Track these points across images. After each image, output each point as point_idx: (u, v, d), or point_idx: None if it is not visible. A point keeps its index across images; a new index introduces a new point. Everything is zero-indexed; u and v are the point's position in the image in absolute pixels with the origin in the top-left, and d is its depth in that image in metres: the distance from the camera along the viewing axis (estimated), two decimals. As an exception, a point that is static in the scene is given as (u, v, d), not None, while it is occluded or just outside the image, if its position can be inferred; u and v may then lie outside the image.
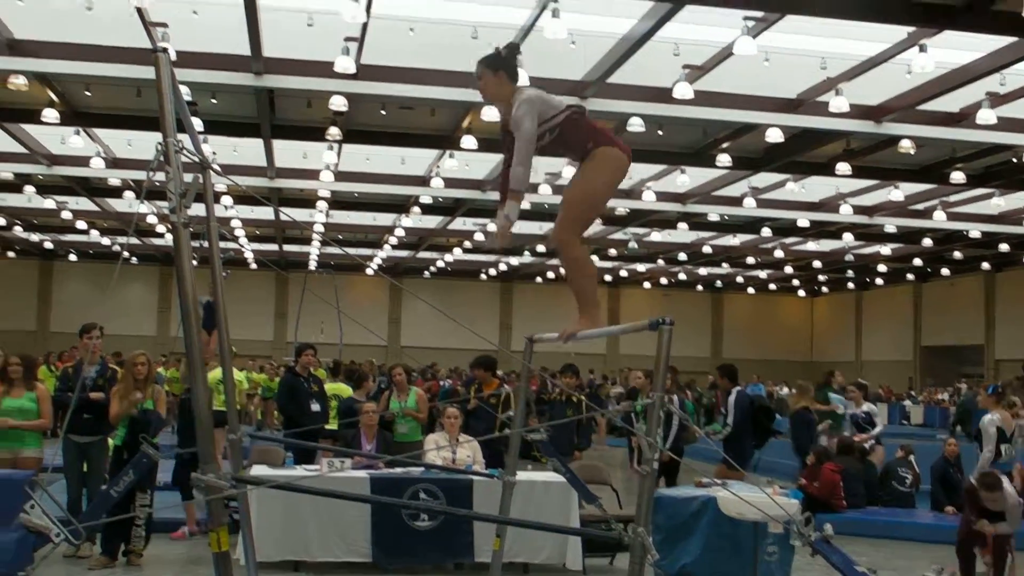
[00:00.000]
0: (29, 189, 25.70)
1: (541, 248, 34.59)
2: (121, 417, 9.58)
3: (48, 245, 39.74)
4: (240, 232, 31.05)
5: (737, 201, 23.97)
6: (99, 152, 21.02)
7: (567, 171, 20.92)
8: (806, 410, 14.52)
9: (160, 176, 3.90)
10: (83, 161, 21.37)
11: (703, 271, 40.80)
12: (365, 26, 13.25)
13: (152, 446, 4.69)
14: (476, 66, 5.31)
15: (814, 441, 14.07)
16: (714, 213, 26.67)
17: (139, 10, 12.93)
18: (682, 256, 35.93)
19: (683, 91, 14.69)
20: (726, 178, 22.21)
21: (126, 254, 38.93)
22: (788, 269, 39.24)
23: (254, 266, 36.41)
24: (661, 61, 14.30)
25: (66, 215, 30.45)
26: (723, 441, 11.88)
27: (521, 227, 29.99)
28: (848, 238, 30.33)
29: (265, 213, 28.94)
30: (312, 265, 36.45)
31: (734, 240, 32.28)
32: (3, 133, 19.68)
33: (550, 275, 43.16)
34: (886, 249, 32.93)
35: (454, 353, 31.79)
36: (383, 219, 30.28)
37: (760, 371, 33.35)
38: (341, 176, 22.50)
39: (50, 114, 17.31)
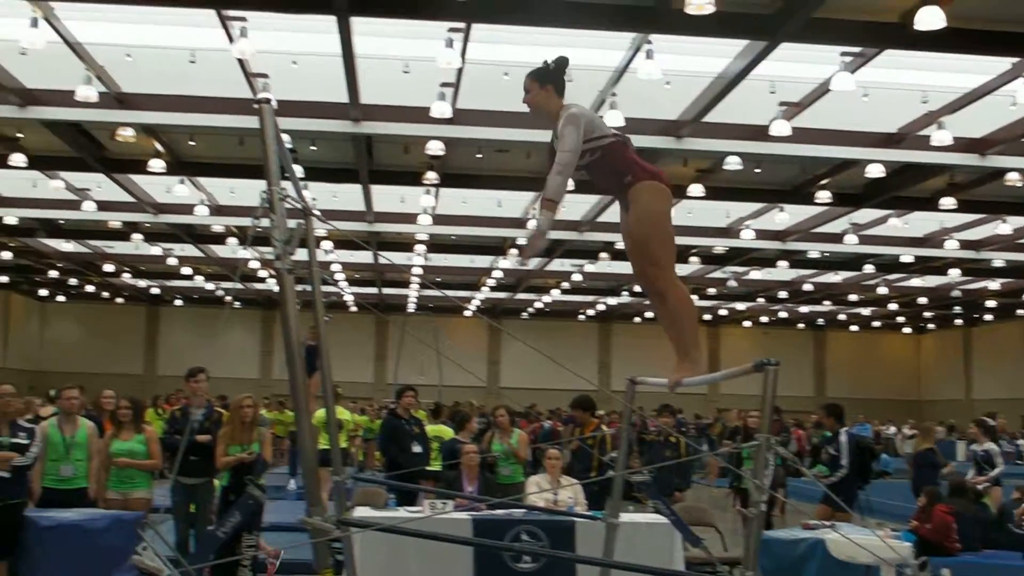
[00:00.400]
0: (136, 237, 26.42)
1: (638, 288, 34.37)
2: (227, 463, 9.73)
3: (155, 291, 40.74)
4: (340, 276, 31.50)
5: (838, 238, 23.60)
6: (203, 200, 21.57)
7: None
8: (930, 451, 14.15)
9: (264, 223, 3.99)
10: (188, 209, 21.93)
11: (804, 309, 40.19)
12: (460, 71, 13.41)
13: (258, 487, 4.75)
14: (525, 79, 5.23)
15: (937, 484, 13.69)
16: (814, 250, 26.29)
17: (240, 61, 13.27)
18: (782, 294, 35.46)
19: (780, 128, 14.56)
20: (826, 215, 21.90)
21: (228, 298, 39.69)
22: (892, 306, 38.43)
23: (354, 309, 36.85)
24: (757, 99, 14.20)
25: (172, 261, 31.22)
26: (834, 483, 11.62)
27: (619, 266, 30.09)
28: (954, 273, 29.59)
29: (364, 257, 29.31)
30: (411, 308, 36.78)
31: (836, 277, 31.78)
32: (112, 184, 20.28)
33: (648, 315, 42.86)
34: (995, 284, 32.07)
35: (553, 394, 31.70)
36: (480, 261, 30.44)
37: (865, 410, 32.69)
38: (439, 219, 22.71)
39: (156, 164, 17.82)
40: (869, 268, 28.11)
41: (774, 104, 14.46)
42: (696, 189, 18.48)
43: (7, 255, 31.06)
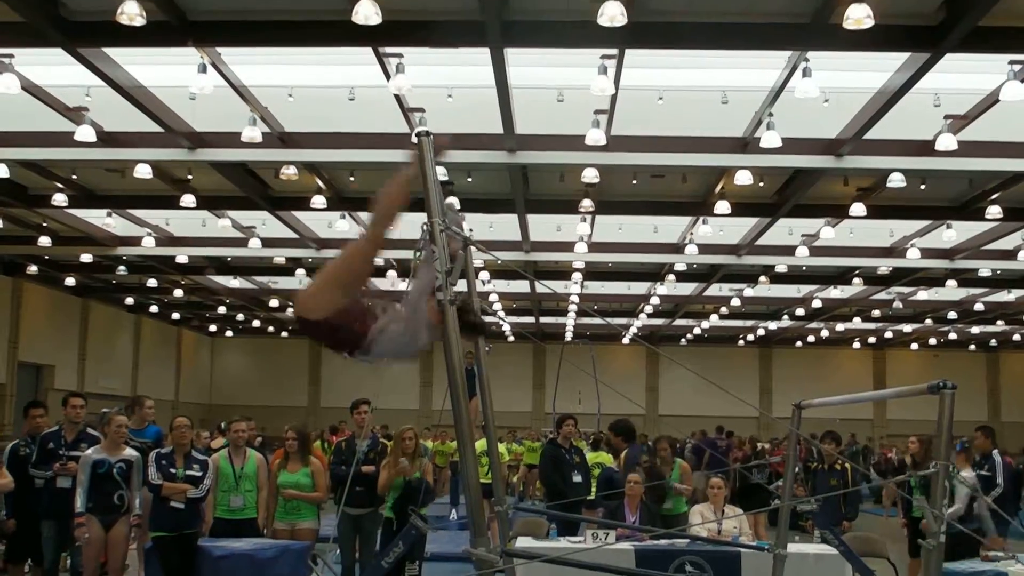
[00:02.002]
0: (300, 272, 27.12)
1: (800, 311, 33.75)
2: (389, 486, 9.87)
3: (318, 325, 41.68)
4: (498, 305, 31.73)
5: (1011, 254, 22.66)
6: (363, 234, 22.00)
7: (825, 232, 20.40)
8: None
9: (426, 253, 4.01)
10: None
11: (975, 330, 38.66)
12: (614, 98, 13.38)
13: (420, 518, 4.77)
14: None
15: None
16: (985, 268, 25.28)
17: (397, 97, 13.52)
18: (952, 315, 34.23)
19: (946, 142, 14.07)
20: (997, 231, 21.06)
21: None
22: (1071, 324, 36.73)
23: (511, 338, 37.05)
24: (921, 113, 13.74)
25: (334, 295, 31.90)
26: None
27: (779, 290, 29.58)
28: None
29: (522, 286, 29.48)
30: (568, 336, 36.80)
31: (1009, 296, 30.50)
32: (277, 220, 20.89)
33: (810, 339, 41.99)
34: None
35: (713, 420, 31.26)
36: (637, 288, 30.27)
37: (1045, 434, 31.20)
38: (595, 247, 22.67)
39: (318, 200, 18.28)
40: (1045, 285, 26.91)
41: (939, 117, 13.99)
42: (858, 208, 18.01)
43: (179, 292, 32.32)
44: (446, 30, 11.49)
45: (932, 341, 42.09)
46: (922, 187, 17.29)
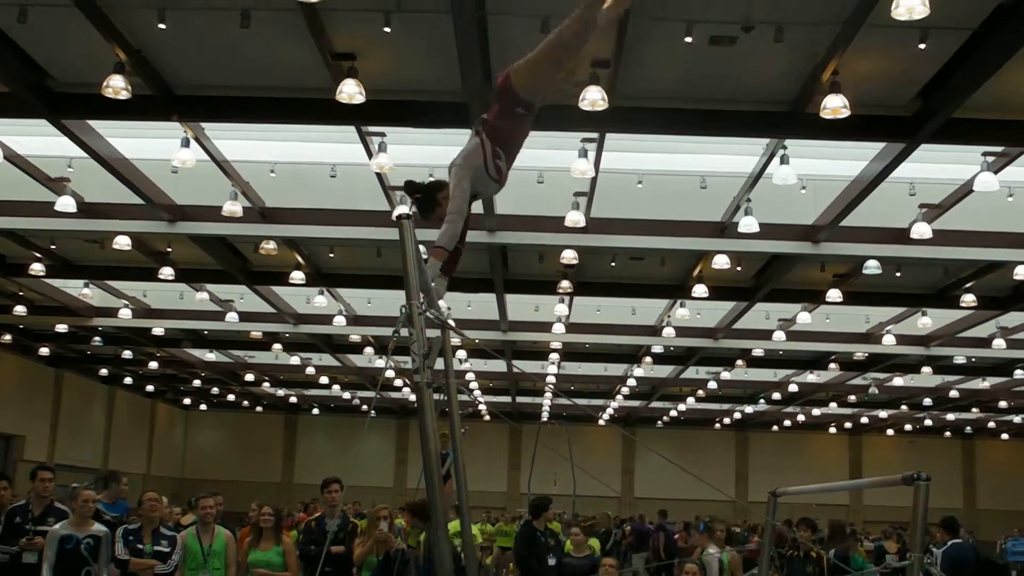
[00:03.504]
0: (276, 347, 27.05)
1: (776, 395, 33.79)
2: (365, 557, 9.78)
3: (293, 400, 41.52)
4: (475, 385, 31.64)
5: (985, 342, 22.82)
6: (341, 310, 22.02)
7: (801, 317, 20.50)
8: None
9: (404, 333, 4.01)
10: (327, 319, 22.40)
11: (951, 416, 38.75)
12: (594, 180, 13.49)
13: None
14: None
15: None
16: (960, 356, 25.44)
17: (379, 175, 13.59)
18: (927, 401, 34.31)
19: (921, 231, 14.23)
20: (972, 319, 21.22)
21: (364, 408, 40.13)
22: (1046, 413, 36.83)
23: (488, 418, 36.91)
24: (896, 201, 13.91)
25: (310, 371, 31.82)
26: None
27: (755, 374, 29.61)
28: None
29: (499, 365, 29.43)
30: (545, 416, 36.68)
31: (984, 383, 30.64)
32: (255, 295, 20.86)
33: (787, 423, 41.97)
34: None
35: (689, 505, 31.09)
36: (614, 369, 30.27)
37: (1021, 524, 31.09)
38: (572, 328, 22.71)
39: (297, 276, 18.28)
40: (1020, 373, 27.03)
41: (914, 206, 14.16)
42: (834, 294, 18.14)
43: (154, 364, 32.11)
44: (429, 111, 11.61)
45: (908, 427, 42.14)
46: (897, 274, 17.44)
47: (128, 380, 36.67)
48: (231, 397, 40.84)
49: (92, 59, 10.61)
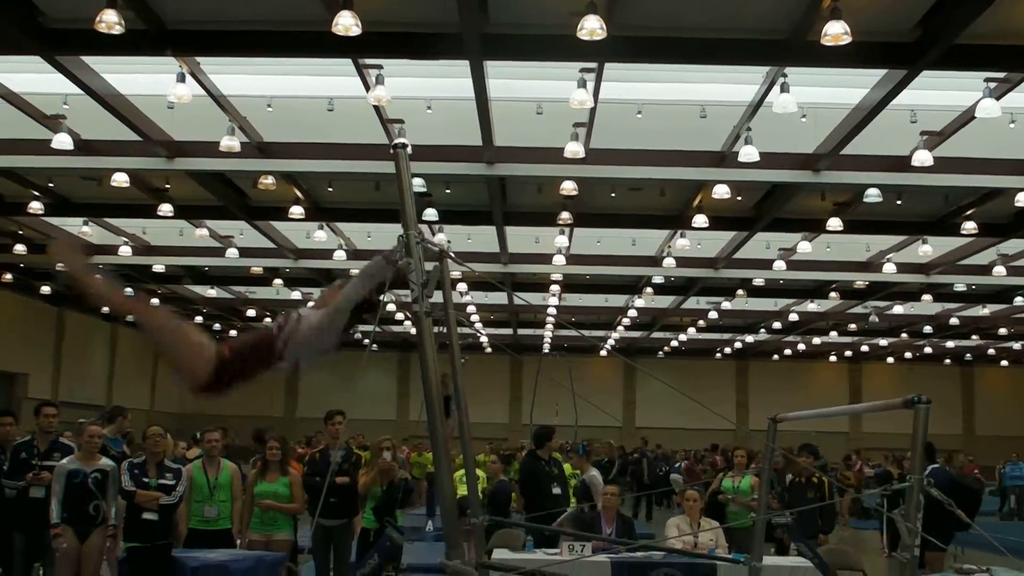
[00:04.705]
0: (277, 282, 27.07)
1: (777, 324, 33.90)
2: (369, 487, 9.89)
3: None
4: (475, 317, 31.72)
5: (986, 270, 22.83)
6: (341, 245, 22.01)
7: (802, 246, 20.49)
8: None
9: (401, 262, 4.01)
10: (326, 254, 22.40)
11: (950, 344, 38.92)
12: (593, 111, 13.41)
13: (396, 529, 4.76)
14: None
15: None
16: (960, 283, 25.47)
17: (376, 108, 13.52)
18: (927, 329, 34.45)
19: (922, 158, 14.15)
20: (972, 246, 21.21)
21: (365, 341, 40.28)
22: (1045, 339, 36.98)
23: (489, 350, 37.04)
24: (897, 129, 13.84)
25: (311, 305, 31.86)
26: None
27: (756, 304, 29.70)
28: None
29: (499, 298, 29.49)
30: (546, 348, 36.81)
31: (984, 311, 30.73)
32: (254, 230, 20.84)
33: (787, 352, 42.15)
34: None
35: (689, 434, 31.35)
36: (615, 300, 30.32)
37: (1019, 449, 31.35)
38: (573, 259, 22.71)
39: (296, 211, 18.24)
40: (1019, 300, 27.08)
41: (915, 134, 14.08)
42: (835, 223, 18.10)
43: (155, 301, 32.14)
44: (426, 42, 11.50)
45: (908, 355, 42.34)
46: (898, 202, 17.40)
47: (130, 318, 36.72)
48: (233, 333, 40.93)
49: (84, -7, 10.50)
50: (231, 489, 10.01)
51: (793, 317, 32.11)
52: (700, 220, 17.98)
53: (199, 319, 36.76)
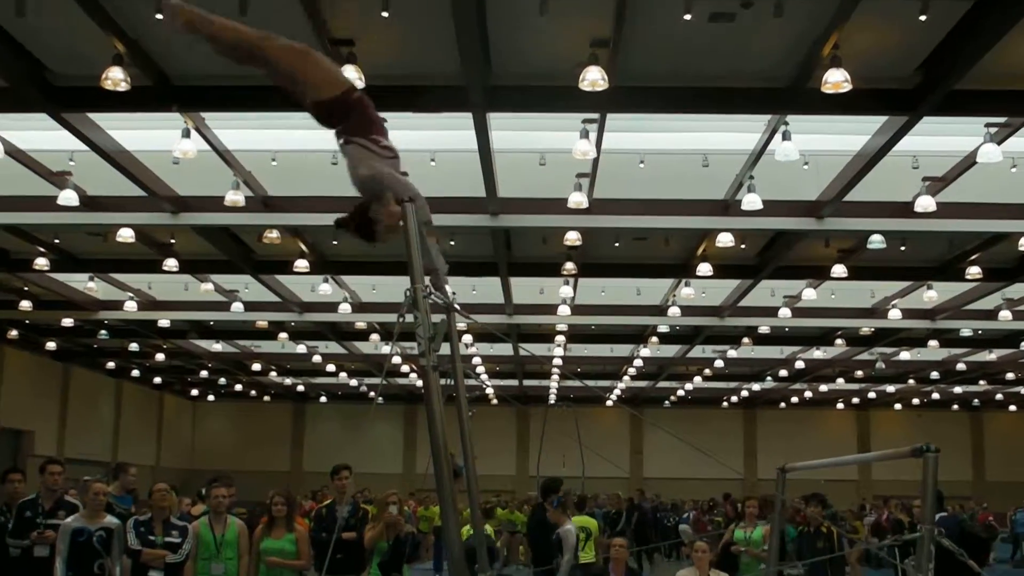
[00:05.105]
0: (283, 336, 27.07)
1: (783, 372, 33.79)
2: (375, 542, 9.81)
3: (300, 388, 41.58)
4: (481, 369, 31.66)
5: (991, 314, 22.79)
6: (346, 298, 22.03)
7: (807, 293, 20.47)
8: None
9: (408, 318, 3.99)
10: (332, 307, 22.42)
11: (958, 389, 38.79)
12: (596, 161, 13.46)
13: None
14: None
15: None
16: (967, 328, 25.42)
17: (381, 161, 13.53)
18: (934, 375, 34.33)
19: (925, 204, 14.19)
20: (978, 291, 21.19)
21: (372, 395, 40.19)
22: (1053, 384, 36.80)
23: (495, 401, 36.97)
24: (900, 175, 13.88)
25: (316, 359, 31.87)
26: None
27: (762, 351, 29.60)
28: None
29: (505, 349, 29.44)
30: (552, 399, 36.72)
31: (991, 355, 30.63)
32: (259, 284, 20.87)
33: (794, 400, 41.98)
34: None
35: (698, 484, 31.16)
36: (620, 350, 30.29)
37: (1029, 495, 31.16)
38: (578, 309, 22.71)
39: (301, 264, 18.28)
40: (1027, 345, 27.03)
41: (917, 179, 14.12)
42: (839, 270, 18.11)
43: (161, 356, 32.16)
44: (430, 95, 11.57)
45: (915, 401, 42.16)
46: (902, 248, 17.41)
47: (135, 372, 36.74)
48: (238, 387, 40.91)
49: (90, 51, 10.60)
50: (238, 546, 9.91)
51: (799, 364, 32.02)
52: (704, 268, 17.99)
53: (204, 374, 36.79)
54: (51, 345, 30.14)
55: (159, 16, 9.65)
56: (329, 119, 4.97)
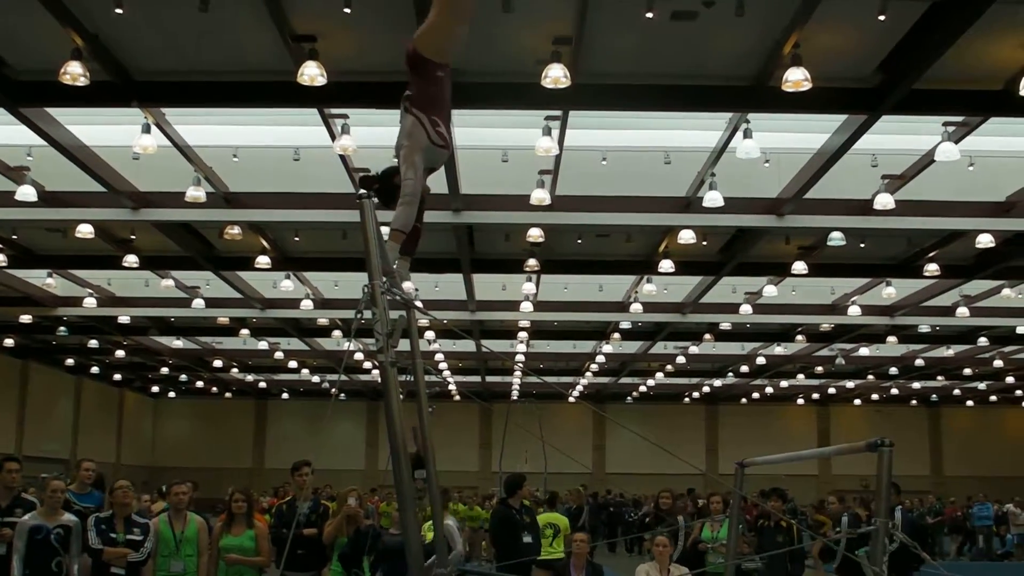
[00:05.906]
0: (244, 332, 26.94)
1: (744, 368, 34.00)
2: (334, 536, 9.79)
3: (262, 385, 41.38)
4: (444, 365, 31.63)
5: (949, 311, 23.05)
6: (308, 294, 21.94)
7: (768, 290, 20.62)
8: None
9: (367, 314, 4.00)
10: (293, 303, 22.33)
11: (916, 385, 39.18)
12: (558, 158, 13.49)
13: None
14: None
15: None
16: (925, 325, 25.70)
17: (342, 157, 13.53)
18: (893, 370, 34.66)
19: (884, 201, 14.34)
20: (936, 288, 21.41)
21: (334, 391, 40.06)
22: (1010, 379, 37.21)
23: (458, 398, 36.96)
24: (859, 173, 14.01)
25: (278, 355, 31.73)
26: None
27: (723, 348, 29.76)
28: (1074, 343, 28.64)
29: (468, 345, 29.43)
30: (515, 395, 36.75)
31: (948, 352, 30.97)
32: (221, 280, 20.75)
33: (755, 396, 42.24)
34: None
35: (660, 479, 31.19)
36: (583, 346, 30.35)
37: (986, 489, 31.51)
38: (540, 306, 22.73)
39: (263, 260, 18.20)
40: (983, 341, 27.34)
41: (876, 177, 14.26)
42: (799, 266, 18.25)
43: (121, 353, 31.91)
44: (391, 90, 11.47)
45: (875, 397, 42.56)
46: (861, 245, 17.57)
47: (95, 369, 36.44)
48: (200, 384, 40.67)
49: (49, 46, 10.48)
50: (197, 543, 9.86)
51: (760, 360, 32.23)
52: (666, 265, 18.06)
53: (165, 370, 36.54)
54: (9, 342, 29.82)
55: (119, 11, 9.60)
56: (412, 69, 5.26)
